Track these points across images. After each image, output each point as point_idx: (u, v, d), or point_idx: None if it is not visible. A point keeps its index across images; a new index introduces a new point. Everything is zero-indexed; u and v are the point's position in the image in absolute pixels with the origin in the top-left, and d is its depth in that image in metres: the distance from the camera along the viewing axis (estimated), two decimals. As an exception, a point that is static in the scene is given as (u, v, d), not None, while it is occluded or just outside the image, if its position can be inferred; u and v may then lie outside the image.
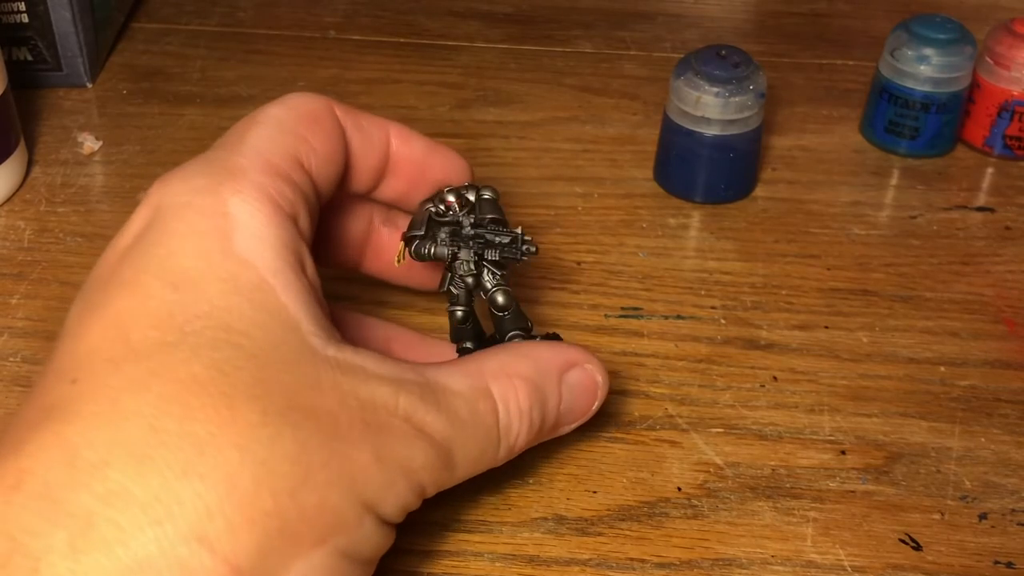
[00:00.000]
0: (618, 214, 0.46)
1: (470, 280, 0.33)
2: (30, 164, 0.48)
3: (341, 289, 0.40)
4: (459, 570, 0.32)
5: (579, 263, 0.44)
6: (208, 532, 0.22)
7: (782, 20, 0.62)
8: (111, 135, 0.50)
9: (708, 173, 0.46)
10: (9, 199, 0.46)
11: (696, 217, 0.46)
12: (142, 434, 0.23)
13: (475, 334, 0.34)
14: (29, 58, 0.52)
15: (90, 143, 0.50)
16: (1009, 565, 0.32)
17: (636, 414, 0.37)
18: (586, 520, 0.33)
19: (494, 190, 0.34)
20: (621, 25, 0.61)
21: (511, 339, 0.33)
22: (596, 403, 0.32)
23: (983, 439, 0.37)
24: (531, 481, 0.35)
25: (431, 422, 0.27)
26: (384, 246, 0.36)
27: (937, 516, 0.34)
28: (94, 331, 0.25)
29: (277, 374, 0.24)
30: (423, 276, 0.36)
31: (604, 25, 0.61)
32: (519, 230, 0.33)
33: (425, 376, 0.28)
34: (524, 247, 0.32)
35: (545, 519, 0.33)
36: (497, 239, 0.32)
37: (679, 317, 0.41)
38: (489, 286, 0.33)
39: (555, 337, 0.34)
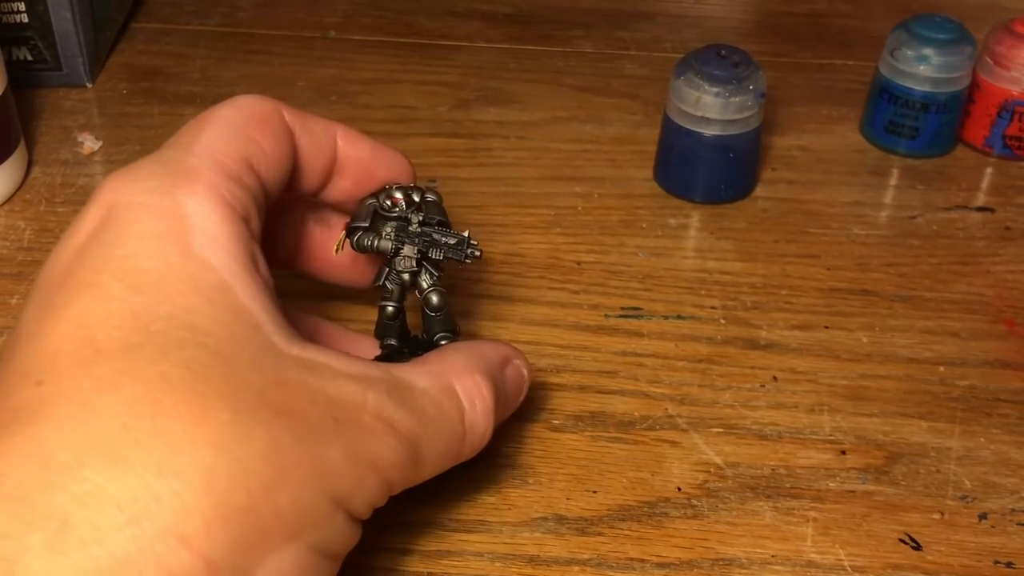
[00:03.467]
0: (618, 214, 0.46)
1: (407, 277, 0.33)
2: (30, 164, 0.48)
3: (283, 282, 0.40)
4: (459, 570, 0.32)
5: (579, 263, 0.44)
6: (186, 530, 0.22)
7: (782, 20, 0.62)
8: (111, 135, 0.50)
9: (708, 173, 0.46)
10: (9, 199, 0.46)
11: (696, 217, 0.46)
12: (115, 434, 0.22)
13: (401, 332, 0.34)
14: (29, 58, 0.52)
15: (90, 143, 0.50)
16: (1009, 565, 0.32)
17: (636, 414, 0.37)
18: (586, 520, 0.33)
19: (438, 194, 0.34)
20: (621, 25, 0.61)
21: (439, 340, 0.33)
22: (521, 396, 0.33)
23: (983, 439, 0.37)
24: (531, 481, 0.35)
25: (399, 419, 0.27)
26: (316, 244, 0.36)
27: (937, 516, 0.34)
28: (56, 332, 0.24)
29: (244, 372, 0.25)
30: (356, 273, 0.36)
31: (604, 25, 0.61)
32: (466, 233, 0.33)
33: (391, 373, 0.28)
34: (469, 250, 0.33)
35: (545, 519, 0.33)
36: (443, 239, 0.33)
37: (679, 317, 0.41)
38: (425, 285, 0.33)
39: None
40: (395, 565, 0.31)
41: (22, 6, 0.50)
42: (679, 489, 0.34)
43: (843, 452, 0.36)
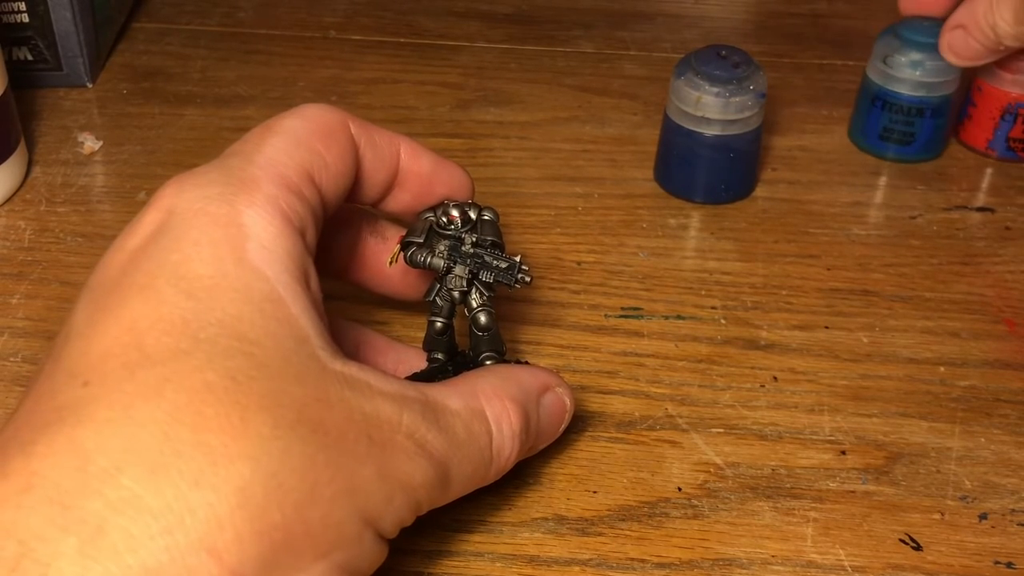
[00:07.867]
0: (618, 214, 0.46)
1: (457, 295, 0.33)
2: (30, 164, 0.48)
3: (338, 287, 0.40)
4: (460, 570, 0.32)
5: (579, 263, 0.44)
6: (217, 543, 0.22)
7: (782, 20, 0.62)
8: (111, 135, 0.50)
9: (708, 173, 0.46)
10: (9, 199, 0.46)
11: (696, 217, 0.47)
12: (155, 442, 0.23)
13: (448, 347, 0.34)
14: (29, 58, 0.52)
15: (90, 143, 0.50)
16: (1009, 565, 0.33)
17: (636, 414, 0.37)
18: (586, 520, 0.33)
19: (495, 212, 0.34)
20: (621, 25, 0.61)
21: (484, 359, 0.34)
22: (563, 425, 0.33)
23: (983, 439, 0.37)
24: (531, 481, 0.35)
25: (431, 440, 0.27)
26: (370, 255, 0.36)
27: (937, 516, 0.34)
28: (107, 334, 0.25)
29: (287, 385, 0.25)
30: (407, 286, 0.36)
31: (604, 25, 0.61)
32: (518, 258, 0.33)
33: (425, 394, 0.28)
34: (519, 275, 0.33)
35: (545, 519, 0.33)
36: (494, 262, 0.33)
37: (679, 317, 0.41)
38: (474, 304, 0.33)
39: (524, 364, 0.34)
40: (396, 565, 0.31)
41: (22, 6, 0.50)
42: (679, 489, 0.35)
43: (843, 452, 0.36)
